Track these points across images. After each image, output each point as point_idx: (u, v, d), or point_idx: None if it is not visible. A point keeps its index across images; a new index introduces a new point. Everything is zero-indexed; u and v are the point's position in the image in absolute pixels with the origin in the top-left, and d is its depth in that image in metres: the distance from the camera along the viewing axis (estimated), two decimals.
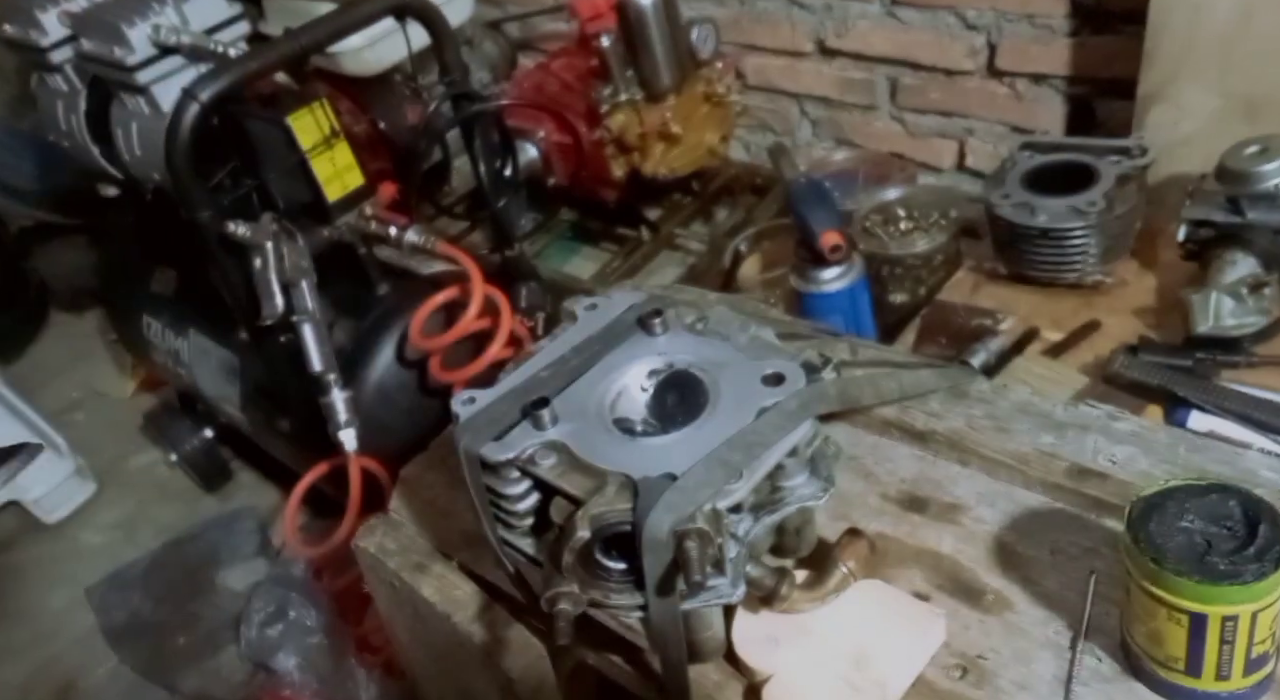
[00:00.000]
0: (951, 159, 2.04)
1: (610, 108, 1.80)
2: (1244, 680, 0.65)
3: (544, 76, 2.01)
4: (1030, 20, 1.76)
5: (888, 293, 1.61)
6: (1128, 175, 1.35)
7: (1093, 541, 0.80)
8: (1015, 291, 1.44)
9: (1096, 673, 0.71)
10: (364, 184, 1.44)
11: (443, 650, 0.97)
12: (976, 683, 0.72)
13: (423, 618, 0.95)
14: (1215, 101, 1.43)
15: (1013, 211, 1.37)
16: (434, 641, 0.97)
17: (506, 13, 2.56)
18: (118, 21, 1.34)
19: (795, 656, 0.73)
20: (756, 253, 1.85)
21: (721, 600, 0.68)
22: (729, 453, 0.68)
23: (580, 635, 0.70)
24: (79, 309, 2.68)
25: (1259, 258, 1.20)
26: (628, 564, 0.68)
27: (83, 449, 2.15)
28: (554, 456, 0.71)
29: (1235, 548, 0.62)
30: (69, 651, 1.80)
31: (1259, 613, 0.62)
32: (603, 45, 1.77)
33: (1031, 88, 1.84)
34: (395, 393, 1.48)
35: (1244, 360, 1.18)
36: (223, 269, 1.34)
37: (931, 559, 0.82)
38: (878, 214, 1.66)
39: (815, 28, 2.05)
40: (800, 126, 2.25)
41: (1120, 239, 1.35)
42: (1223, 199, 1.23)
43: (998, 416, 0.92)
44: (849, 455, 0.94)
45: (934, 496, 0.88)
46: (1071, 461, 0.86)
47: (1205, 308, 1.19)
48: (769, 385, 0.74)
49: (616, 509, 0.65)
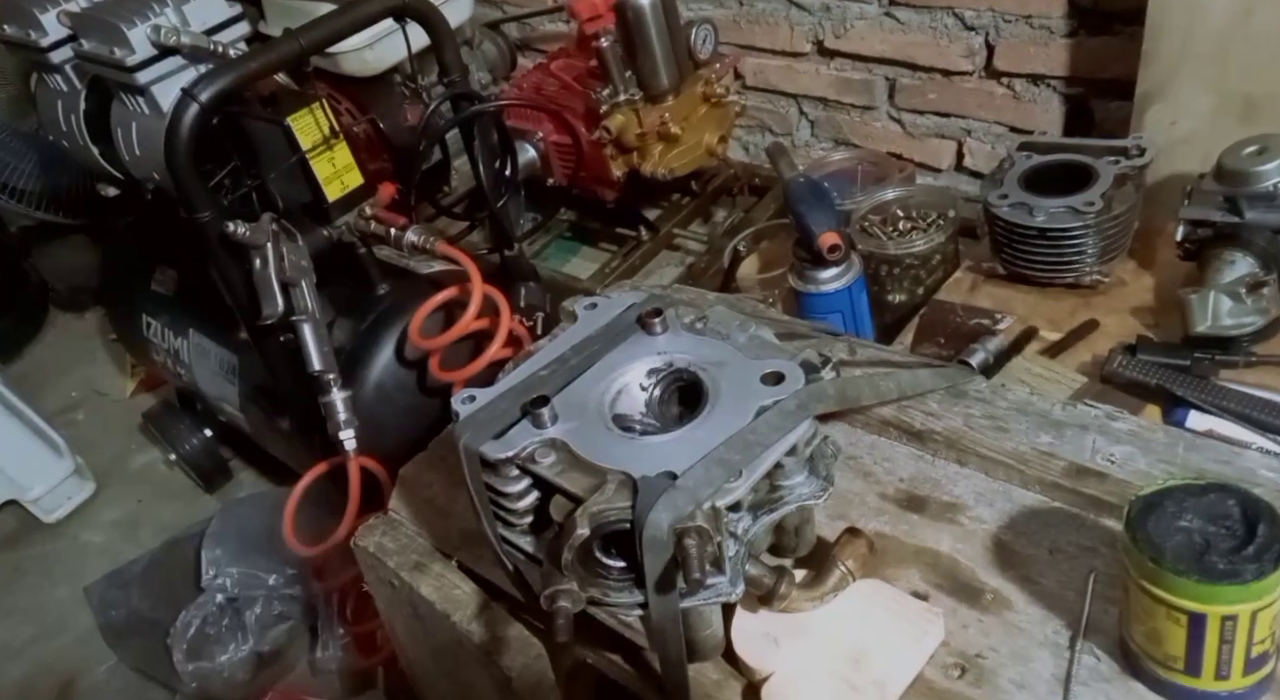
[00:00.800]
0: (950, 159, 2.04)
1: (609, 108, 1.80)
2: (1243, 680, 0.66)
3: (543, 77, 2.01)
4: (1028, 21, 1.76)
5: (886, 292, 1.61)
6: (1126, 175, 1.35)
7: (1091, 541, 0.80)
8: (1013, 291, 1.44)
9: (1095, 672, 0.71)
10: (363, 184, 1.44)
11: (442, 649, 0.97)
12: (975, 682, 0.72)
13: (422, 617, 0.95)
14: (1213, 101, 1.43)
15: (1011, 211, 1.37)
16: (433, 640, 0.97)
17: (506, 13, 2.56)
18: (118, 22, 1.34)
19: (794, 655, 0.73)
20: (755, 253, 1.85)
21: (721, 598, 0.68)
22: (728, 452, 0.68)
23: (579, 634, 0.70)
24: (79, 309, 2.68)
25: (1257, 257, 1.20)
26: (627, 562, 0.68)
27: (83, 449, 2.15)
28: (554, 455, 0.72)
29: (1234, 547, 0.62)
30: (68, 650, 1.80)
31: (1258, 612, 0.62)
32: (602, 46, 1.77)
33: (1029, 88, 1.84)
34: (395, 392, 1.48)
35: (1242, 360, 1.18)
36: (222, 269, 1.33)
37: (930, 558, 0.83)
38: (876, 214, 1.66)
39: (813, 28, 2.06)
40: (799, 127, 2.25)
41: (1118, 239, 1.36)
42: (1221, 199, 1.23)
43: (996, 416, 0.93)
44: (848, 455, 0.94)
45: (933, 496, 0.88)
46: (1070, 461, 0.86)
47: (1203, 307, 1.19)
48: (768, 384, 0.74)
49: (616, 507, 0.65)
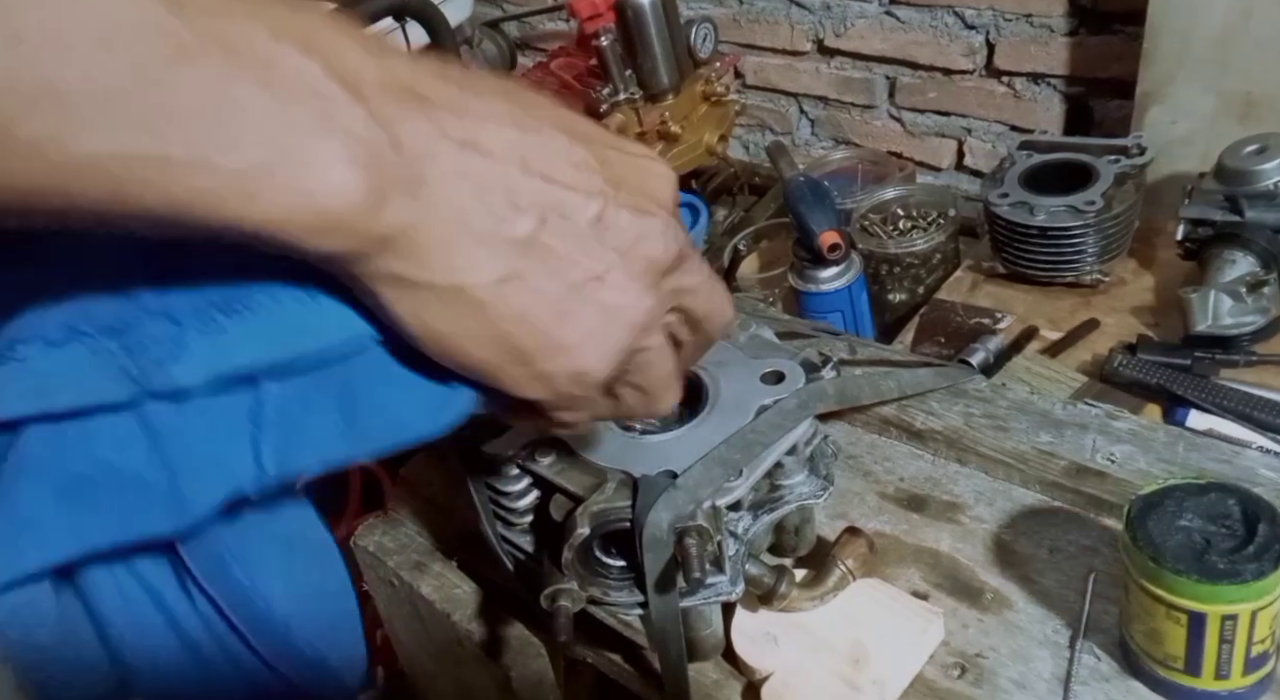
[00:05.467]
0: (950, 158, 2.04)
1: (609, 107, 1.80)
2: (1243, 679, 0.66)
3: (543, 76, 2.01)
4: (1029, 20, 1.76)
5: (886, 291, 1.61)
6: (1126, 174, 1.35)
7: (1091, 540, 0.80)
8: (1013, 290, 1.44)
9: (1095, 671, 0.71)
10: None
11: (442, 648, 0.97)
12: (975, 681, 0.72)
13: (422, 616, 0.95)
14: (1213, 101, 1.43)
15: (1011, 211, 1.37)
16: (433, 640, 0.97)
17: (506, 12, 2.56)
18: None
19: (794, 655, 0.73)
20: (755, 252, 1.85)
21: (721, 598, 0.68)
22: (728, 451, 0.68)
23: (579, 633, 0.70)
24: None
25: (1258, 256, 1.20)
26: (627, 561, 0.68)
27: None
28: (553, 454, 0.71)
29: (1234, 546, 0.62)
30: None
31: (1258, 612, 0.62)
32: (602, 45, 1.77)
33: (1030, 87, 1.84)
34: None
35: (1243, 359, 1.18)
36: None
37: (930, 557, 0.83)
38: (876, 213, 1.66)
39: (814, 27, 2.06)
40: (799, 125, 2.25)
41: (1118, 238, 1.36)
42: (1221, 198, 1.23)
43: (996, 415, 0.93)
44: (848, 454, 0.94)
45: (932, 495, 0.88)
46: (1070, 460, 0.86)
47: (1204, 306, 1.19)
48: (768, 383, 0.74)
49: (616, 506, 0.65)
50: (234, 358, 0.44)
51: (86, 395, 0.42)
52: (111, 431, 0.42)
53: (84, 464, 0.42)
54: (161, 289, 0.44)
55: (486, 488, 0.76)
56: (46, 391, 0.41)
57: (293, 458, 0.46)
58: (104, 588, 0.45)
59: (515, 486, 0.74)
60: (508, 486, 0.74)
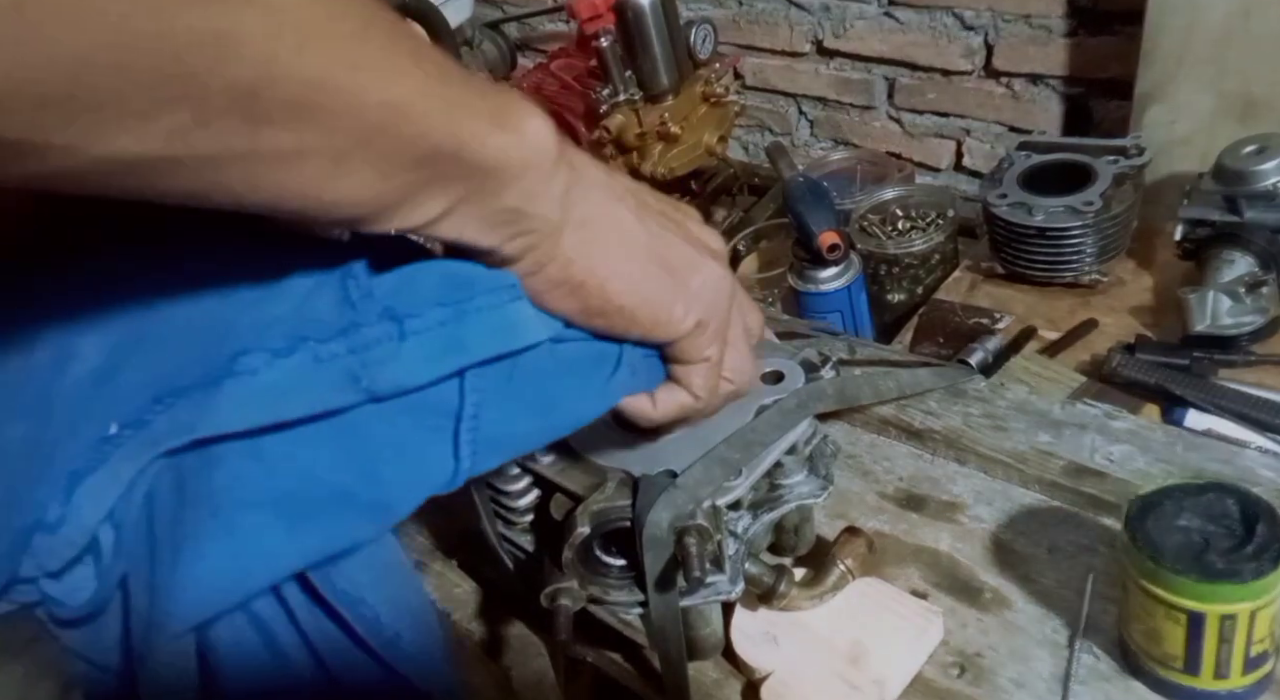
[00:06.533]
0: (949, 159, 2.04)
1: (609, 108, 1.80)
2: (1243, 679, 0.66)
3: (543, 76, 2.01)
4: (1027, 21, 1.76)
5: (885, 292, 1.61)
6: (1125, 175, 1.35)
7: (1090, 540, 0.80)
8: (1012, 291, 1.44)
9: (1094, 671, 0.71)
10: None
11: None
12: (974, 680, 0.72)
13: None
14: (1212, 101, 1.43)
15: (1010, 211, 1.37)
16: None
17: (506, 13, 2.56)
18: None
19: (793, 654, 0.73)
20: (755, 252, 1.85)
21: (720, 597, 0.68)
22: (728, 450, 0.68)
23: (579, 632, 0.70)
24: None
25: (1256, 257, 1.20)
26: (627, 561, 0.68)
27: None
28: (554, 453, 0.72)
29: (1233, 546, 0.62)
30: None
31: (1257, 611, 0.62)
32: (601, 45, 1.77)
33: (1029, 88, 1.84)
34: None
35: (1241, 359, 1.19)
36: None
37: (929, 557, 0.83)
38: (875, 213, 1.66)
39: (813, 28, 2.06)
40: (798, 126, 2.25)
41: (1117, 238, 1.36)
42: (1220, 198, 1.23)
43: (995, 415, 0.93)
44: (847, 454, 0.94)
45: (932, 495, 0.88)
46: (1069, 460, 0.86)
47: (1202, 306, 1.19)
48: (768, 383, 0.74)
49: (616, 505, 0.65)
50: (456, 356, 0.45)
51: (315, 403, 0.42)
52: (314, 441, 0.43)
53: (293, 480, 0.42)
54: (377, 290, 0.44)
55: (487, 487, 0.76)
56: (279, 403, 0.41)
57: (487, 453, 0.48)
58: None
59: (515, 486, 0.74)
60: (508, 486, 0.74)
